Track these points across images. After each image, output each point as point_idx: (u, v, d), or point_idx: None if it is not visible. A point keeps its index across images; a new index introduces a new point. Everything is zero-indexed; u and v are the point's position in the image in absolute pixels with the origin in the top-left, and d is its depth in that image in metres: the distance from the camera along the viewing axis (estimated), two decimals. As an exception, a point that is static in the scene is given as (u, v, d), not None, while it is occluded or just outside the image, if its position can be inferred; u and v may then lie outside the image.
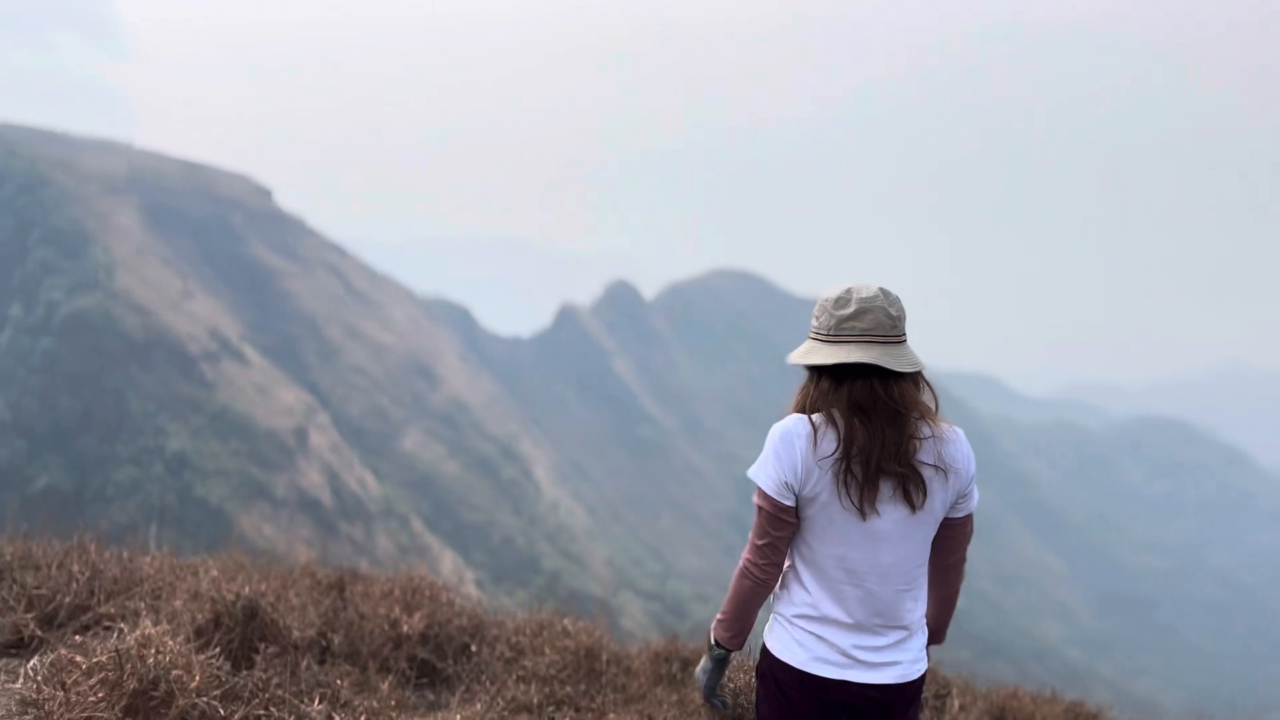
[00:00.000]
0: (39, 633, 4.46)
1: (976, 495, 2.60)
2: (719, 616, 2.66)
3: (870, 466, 2.36)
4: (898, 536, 2.42)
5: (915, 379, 2.53)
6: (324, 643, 4.48)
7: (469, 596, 6.07)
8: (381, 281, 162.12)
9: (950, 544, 2.63)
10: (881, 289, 2.48)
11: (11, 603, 4.61)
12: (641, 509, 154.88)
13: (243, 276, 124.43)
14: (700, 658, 4.23)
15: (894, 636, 2.47)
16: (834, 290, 2.50)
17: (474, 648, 5.02)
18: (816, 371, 2.50)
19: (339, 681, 3.95)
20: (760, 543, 2.48)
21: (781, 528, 2.46)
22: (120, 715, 3.10)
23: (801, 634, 2.47)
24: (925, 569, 2.55)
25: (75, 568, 4.92)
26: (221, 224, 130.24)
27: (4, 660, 4.30)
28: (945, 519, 2.56)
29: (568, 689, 4.54)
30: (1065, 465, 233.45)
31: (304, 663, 4.12)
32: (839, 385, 2.43)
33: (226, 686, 3.45)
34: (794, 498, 2.43)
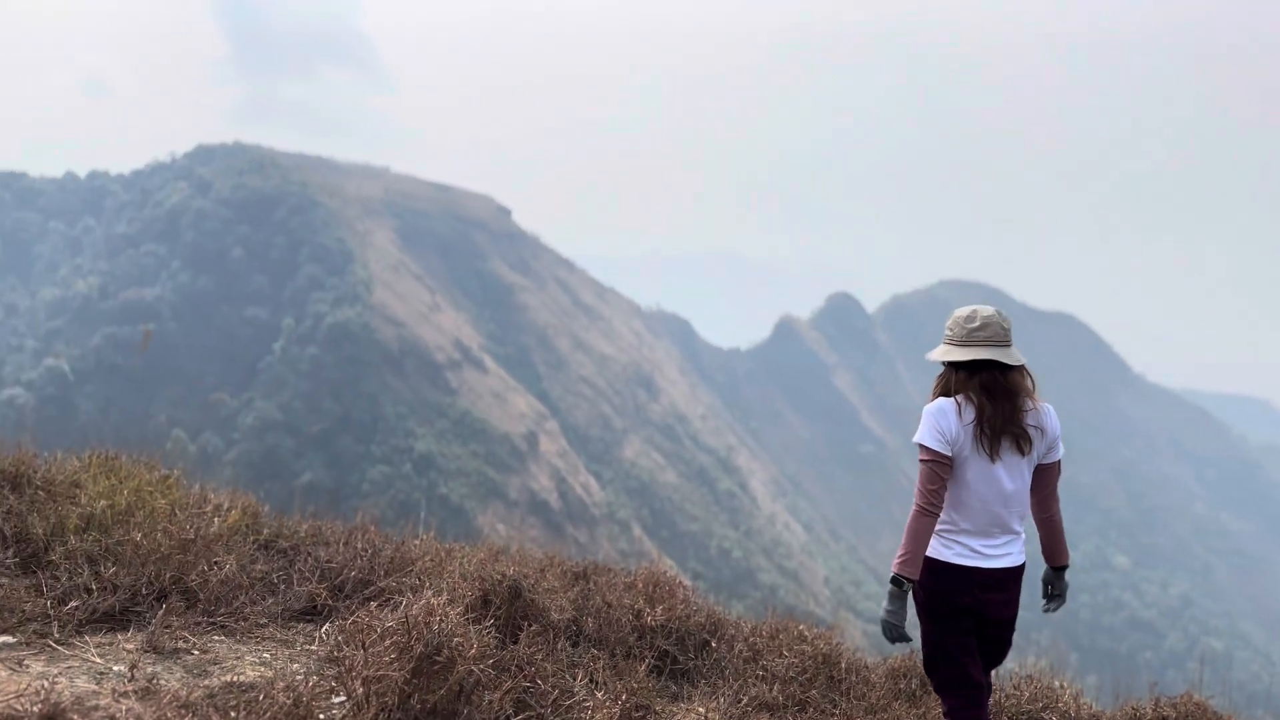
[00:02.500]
0: (329, 602, 4.98)
1: (1062, 448, 3.77)
2: (903, 556, 3.57)
3: (996, 429, 3.57)
4: (1013, 473, 3.65)
5: (1021, 370, 3.69)
6: (575, 626, 4.73)
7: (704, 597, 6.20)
8: (607, 294, 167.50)
9: (1046, 480, 3.81)
10: (996, 309, 3.72)
11: (307, 574, 5.18)
12: (861, 529, 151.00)
13: (483, 291, 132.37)
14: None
15: (1005, 539, 3.69)
16: (964, 311, 3.74)
17: (713, 644, 5.12)
18: (954, 366, 3.70)
19: (594, 663, 4.17)
20: (932, 487, 3.58)
21: (945, 472, 3.60)
22: (408, 676, 3.42)
23: (949, 541, 3.67)
24: (1028, 497, 3.76)
25: (359, 545, 5.46)
26: (466, 242, 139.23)
27: (301, 624, 4.84)
28: (1040, 464, 3.73)
29: (811, 691, 4.56)
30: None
31: (560, 643, 4.38)
32: (972, 375, 3.64)
33: (496, 658, 3.73)
34: (950, 451, 3.59)
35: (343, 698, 3.51)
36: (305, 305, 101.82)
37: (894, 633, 3.58)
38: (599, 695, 3.74)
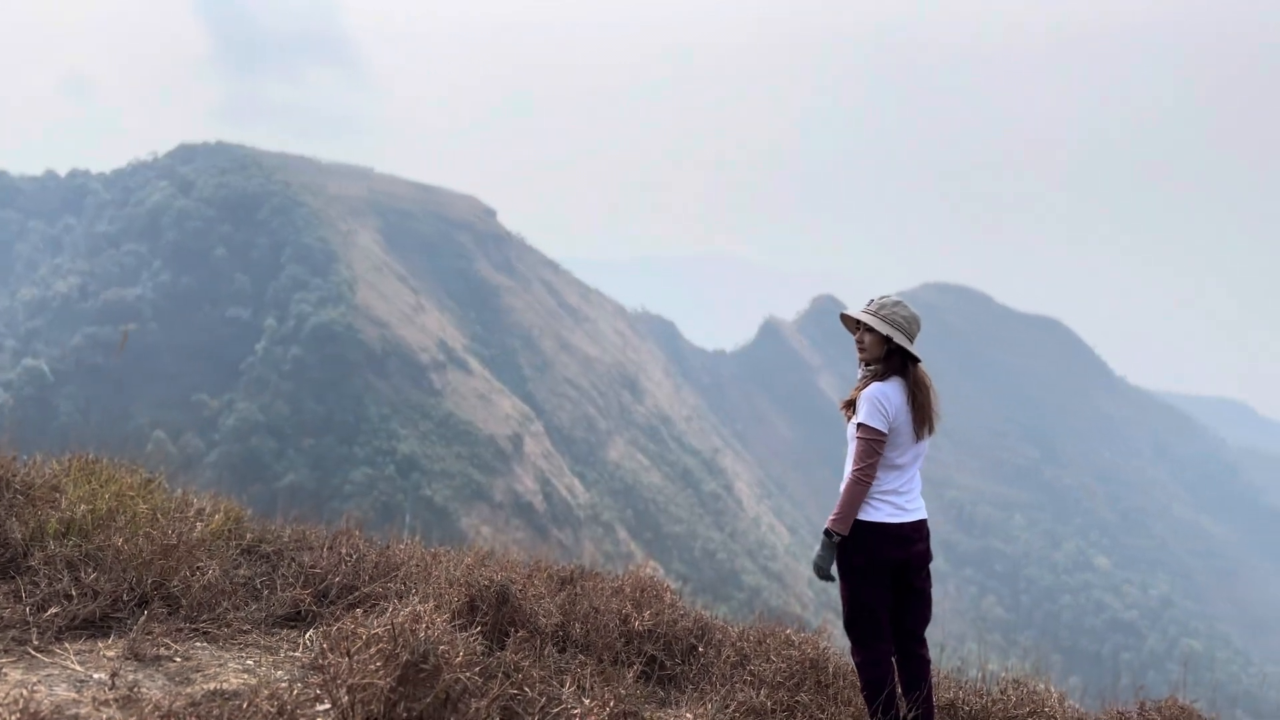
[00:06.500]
0: (314, 608, 4.93)
1: None
2: (835, 516, 4.26)
3: (925, 412, 4.32)
4: (922, 446, 4.41)
5: None
6: (563, 632, 4.71)
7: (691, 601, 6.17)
8: (592, 296, 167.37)
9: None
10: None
11: (290, 580, 5.13)
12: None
13: (468, 292, 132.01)
14: None
15: (916, 494, 4.41)
16: (913, 309, 4.40)
17: (701, 649, 5.11)
18: (896, 354, 4.35)
19: (581, 669, 4.15)
20: (870, 461, 4.24)
21: (882, 449, 4.26)
22: (393, 684, 3.38)
23: (881, 503, 4.29)
24: None
25: (343, 550, 5.42)
26: (450, 242, 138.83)
27: (285, 630, 4.79)
28: None
29: (799, 696, 4.55)
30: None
31: (547, 649, 4.35)
32: (904, 365, 4.35)
33: (483, 665, 3.70)
34: (888, 430, 4.25)
35: (327, 705, 3.47)
36: (288, 305, 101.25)
37: (822, 574, 4.34)
38: (586, 702, 3.71)
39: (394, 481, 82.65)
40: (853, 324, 4.47)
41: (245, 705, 3.31)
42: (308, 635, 4.61)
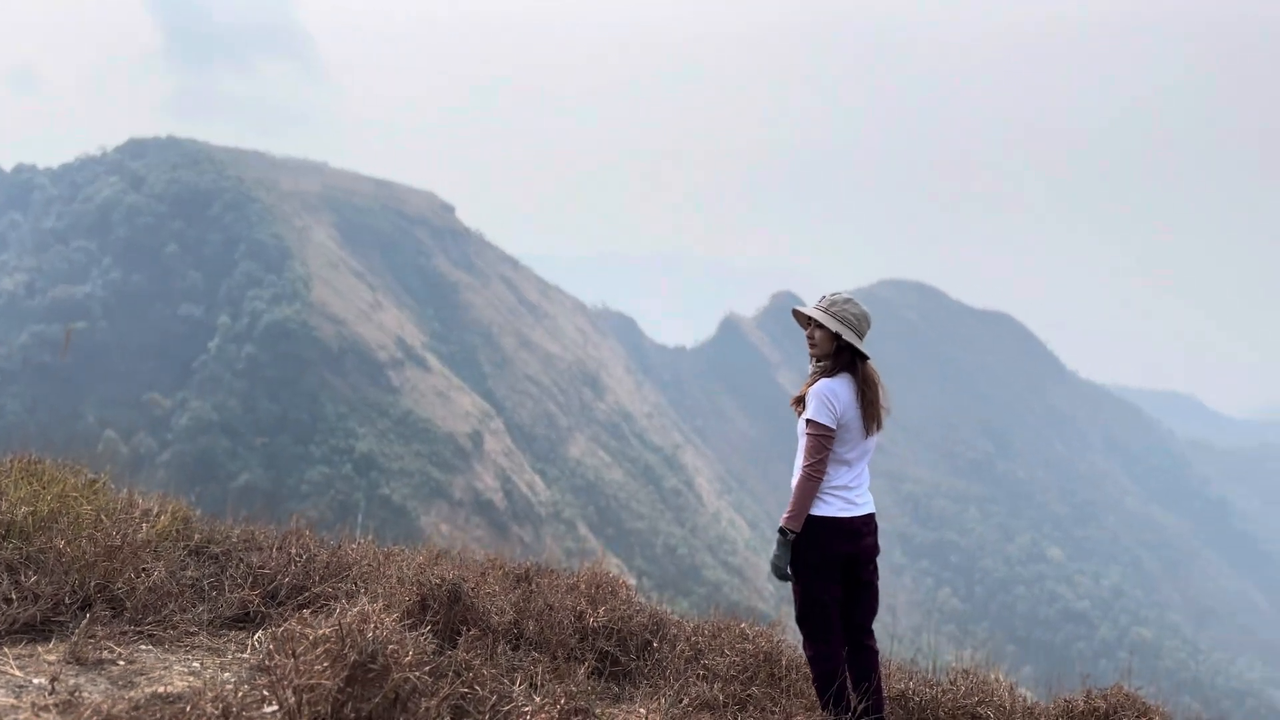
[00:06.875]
0: (262, 609, 4.87)
1: None
2: (789, 514, 4.34)
3: (874, 409, 4.36)
4: (873, 441, 4.44)
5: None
6: (516, 629, 4.69)
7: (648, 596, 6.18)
8: (552, 293, 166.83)
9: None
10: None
11: (239, 580, 5.06)
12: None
13: (426, 288, 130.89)
14: None
15: (865, 489, 4.45)
16: (864, 306, 4.45)
17: (655, 644, 5.11)
18: (846, 351, 4.39)
19: (533, 666, 4.14)
20: (820, 456, 4.29)
21: (830, 444, 4.31)
22: (341, 684, 3.34)
23: (832, 498, 4.34)
24: None
25: (293, 550, 5.35)
26: (408, 238, 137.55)
27: (232, 632, 4.72)
28: None
29: (752, 689, 4.58)
30: (1270, 492, 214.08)
31: (500, 647, 4.33)
32: (853, 362, 4.38)
33: (433, 664, 3.68)
34: (836, 425, 4.29)
35: (275, 707, 3.42)
36: (241, 303, 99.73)
37: (780, 573, 4.40)
38: (537, 699, 3.70)
39: (351, 480, 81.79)
40: (804, 320, 4.48)
41: (189, 708, 3.25)
42: (255, 637, 4.55)
